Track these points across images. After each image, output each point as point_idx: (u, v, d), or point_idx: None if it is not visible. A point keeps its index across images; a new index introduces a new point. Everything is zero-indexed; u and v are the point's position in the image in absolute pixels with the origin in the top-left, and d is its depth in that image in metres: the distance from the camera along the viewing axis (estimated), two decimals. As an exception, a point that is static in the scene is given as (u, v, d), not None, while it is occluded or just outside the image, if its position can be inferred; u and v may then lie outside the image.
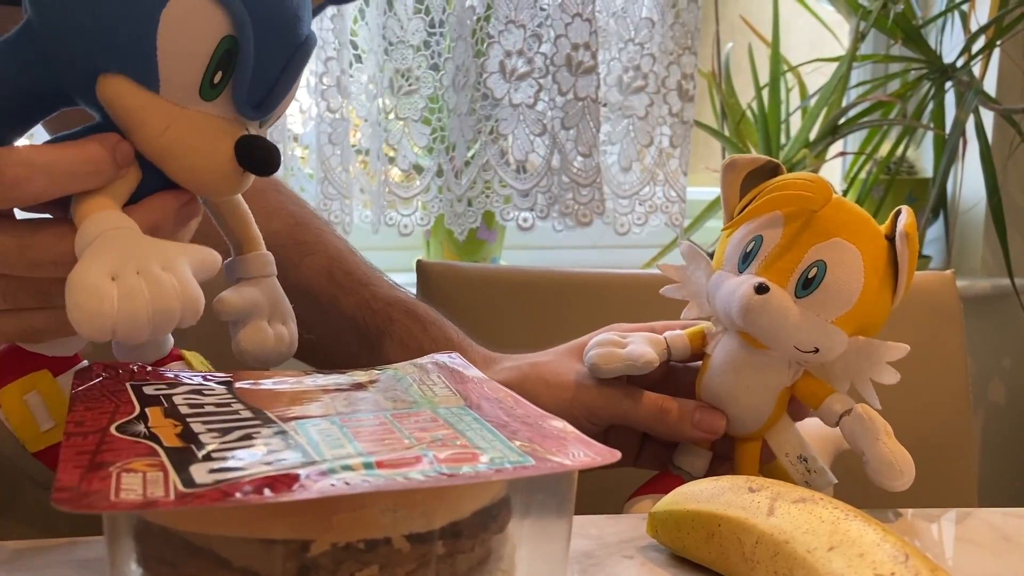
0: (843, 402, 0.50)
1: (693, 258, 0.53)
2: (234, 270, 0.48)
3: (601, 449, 0.32)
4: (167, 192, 0.40)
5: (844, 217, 0.48)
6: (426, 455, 0.31)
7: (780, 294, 0.47)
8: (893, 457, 0.48)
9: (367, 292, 0.64)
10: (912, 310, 0.84)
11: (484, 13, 1.12)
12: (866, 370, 0.49)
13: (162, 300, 0.35)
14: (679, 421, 0.52)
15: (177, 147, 0.38)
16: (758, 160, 0.52)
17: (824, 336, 0.48)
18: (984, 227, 1.43)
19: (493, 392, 0.40)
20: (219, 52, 0.37)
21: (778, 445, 0.52)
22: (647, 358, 0.51)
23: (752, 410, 0.51)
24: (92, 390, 0.37)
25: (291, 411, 0.36)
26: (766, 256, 0.49)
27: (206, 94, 0.38)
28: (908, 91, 1.35)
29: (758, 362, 0.50)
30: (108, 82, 0.37)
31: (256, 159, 0.39)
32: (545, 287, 0.83)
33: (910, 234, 0.47)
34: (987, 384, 1.48)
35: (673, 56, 1.20)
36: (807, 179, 0.49)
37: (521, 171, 1.17)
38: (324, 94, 1.08)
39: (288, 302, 0.49)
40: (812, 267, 0.47)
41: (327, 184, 1.11)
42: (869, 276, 0.48)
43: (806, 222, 0.48)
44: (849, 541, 0.35)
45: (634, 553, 0.44)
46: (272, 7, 0.38)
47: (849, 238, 0.48)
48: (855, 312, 0.48)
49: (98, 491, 0.27)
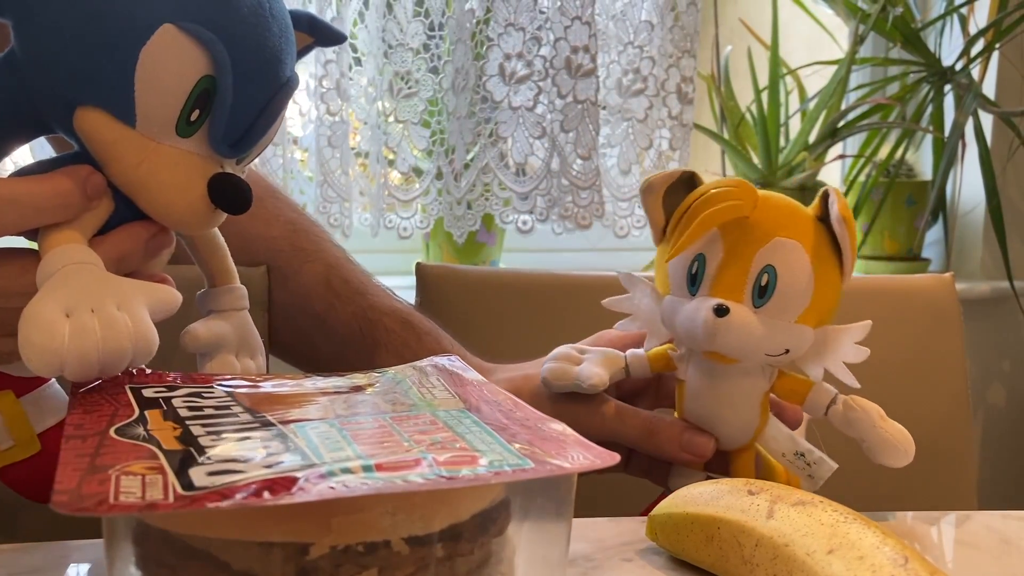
0: (826, 392, 0.50)
1: (634, 285, 0.53)
2: (205, 302, 0.48)
3: (600, 452, 0.32)
4: (137, 223, 0.40)
5: (775, 214, 0.48)
6: (425, 458, 0.31)
7: (740, 311, 0.47)
8: (893, 438, 0.49)
9: (364, 301, 0.64)
10: (912, 313, 0.84)
11: (484, 16, 1.12)
12: (836, 354, 0.49)
13: (114, 340, 0.35)
14: (667, 442, 0.52)
15: (151, 181, 0.38)
16: (673, 175, 0.51)
17: (792, 338, 0.48)
18: (983, 230, 1.43)
19: (492, 395, 0.40)
20: (197, 91, 0.37)
21: (772, 448, 0.51)
22: (593, 381, 0.51)
23: (740, 424, 0.51)
24: (91, 393, 0.37)
25: (290, 414, 0.36)
26: (714, 274, 0.48)
27: (182, 131, 0.38)
28: (907, 94, 1.35)
29: (733, 378, 0.50)
30: (85, 115, 0.37)
31: (228, 198, 0.39)
32: (544, 290, 0.83)
33: (846, 218, 0.47)
34: (986, 387, 1.48)
35: (672, 59, 1.20)
36: (730, 185, 0.48)
37: (520, 174, 1.17)
38: (324, 97, 1.09)
39: (258, 336, 0.49)
40: (762, 274, 0.47)
41: (326, 187, 1.11)
42: (816, 265, 0.48)
43: (742, 230, 0.48)
44: (849, 544, 0.35)
45: (633, 556, 0.44)
46: (253, 49, 0.38)
47: (788, 234, 0.47)
48: (814, 305, 0.48)
49: (97, 494, 0.27)
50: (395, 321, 0.63)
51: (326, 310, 0.64)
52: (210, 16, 0.37)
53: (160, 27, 0.36)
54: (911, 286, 0.86)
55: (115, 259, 0.39)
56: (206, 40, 0.37)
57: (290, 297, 0.64)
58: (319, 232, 0.67)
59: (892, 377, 0.82)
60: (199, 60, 0.37)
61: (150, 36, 0.36)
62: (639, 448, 0.53)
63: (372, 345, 0.62)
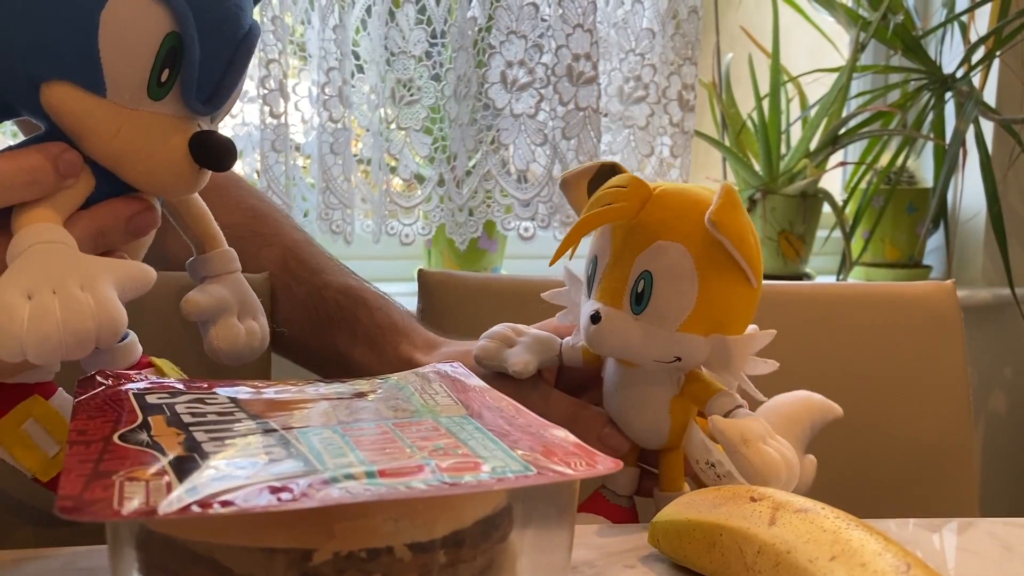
0: (727, 401, 0.47)
1: (571, 282, 0.52)
2: (197, 269, 0.48)
3: (603, 459, 0.33)
4: (118, 199, 0.39)
5: (662, 215, 0.45)
6: (428, 464, 0.31)
7: (613, 318, 0.45)
8: (752, 467, 0.45)
9: (318, 280, 0.64)
10: (913, 320, 0.84)
11: (485, 24, 1.12)
12: (736, 366, 0.46)
13: (75, 321, 0.34)
14: (585, 432, 0.51)
15: (130, 149, 0.37)
16: (590, 169, 0.50)
17: (676, 345, 0.45)
18: (984, 237, 1.43)
19: (495, 401, 0.40)
20: (163, 49, 0.36)
21: (689, 453, 0.50)
22: (518, 367, 0.51)
23: (647, 427, 0.50)
24: (95, 399, 0.37)
25: (293, 420, 0.36)
26: (600, 278, 0.47)
27: (154, 93, 0.37)
28: (908, 101, 1.35)
29: (637, 379, 0.49)
30: (52, 90, 0.36)
31: (213, 155, 0.38)
32: (546, 297, 0.83)
33: (716, 221, 0.43)
34: (988, 394, 1.48)
35: (674, 66, 1.20)
36: (620, 183, 0.46)
37: (522, 181, 1.17)
38: (326, 104, 1.09)
39: (256, 297, 0.49)
40: (639, 280, 0.45)
41: (328, 194, 1.11)
42: (703, 270, 0.44)
43: (628, 231, 0.46)
44: (851, 551, 0.35)
45: (635, 563, 0.44)
46: (215, 1, 0.38)
47: (670, 236, 0.45)
48: (700, 312, 0.45)
49: (101, 500, 0.27)
50: (347, 298, 0.63)
51: (282, 291, 0.64)
52: None
53: None
54: (912, 293, 0.86)
55: (93, 235, 0.38)
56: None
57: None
58: (279, 217, 0.68)
59: (893, 384, 0.82)
60: (161, 18, 0.36)
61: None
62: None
63: (325, 322, 0.63)
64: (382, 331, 0.62)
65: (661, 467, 0.52)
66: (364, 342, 0.62)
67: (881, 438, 0.79)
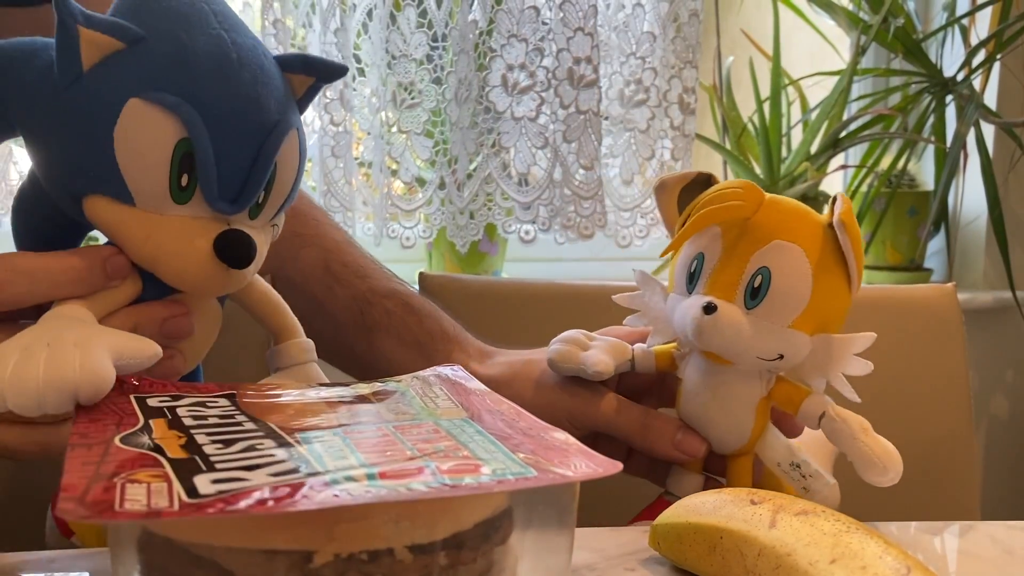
0: (819, 403, 0.49)
1: (646, 284, 0.52)
2: (273, 360, 0.49)
3: (603, 460, 0.33)
4: (159, 302, 0.41)
5: (779, 217, 0.47)
6: (428, 466, 0.31)
7: (729, 310, 0.46)
8: (873, 454, 0.47)
9: (364, 284, 0.64)
10: (914, 323, 0.84)
11: (486, 27, 1.12)
12: (835, 366, 0.48)
13: (56, 371, 0.34)
14: (659, 438, 0.51)
15: (160, 253, 0.39)
16: (688, 176, 0.51)
17: (784, 342, 0.47)
18: (985, 240, 1.43)
19: (495, 404, 0.40)
20: (177, 156, 0.38)
21: (768, 457, 0.51)
22: (599, 368, 0.51)
23: (732, 428, 0.50)
24: (96, 402, 0.37)
25: (294, 423, 0.36)
26: (710, 273, 0.48)
27: (178, 198, 0.39)
28: (909, 104, 1.35)
29: (728, 378, 0.49)
30: (90, 203, 0.39)
31: (229, 253, 0.39)
32: (547, 299, 0.83)
33: (846, 222, 0.46)
34: (989, 397, 1.48)
35: (674, 70, 1.20)
36: (736, 186, 0.47)
37: (523, 184, 1.17)
38: (327, 107, 1.09)
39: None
40: (756, 275, 0.46)
41: (330, 197, 1.11)
42: (817, 272, 0.46)
43: (742, 230, 0.47)
44: (851, 554, 0.35)
45: (636, 566, 0.44)
46: (224, 100, 0.38)
47: (788, 237, 0.46)
48: (811, 311, 0.47)
49: (102, 501, 0.27)
50: (396, 303, 0.63)
51: (324, 293, 0.63)
52: (172, 79, 0.38)
53: (126, 104, 0.37)
54: (913, 296, 0.86)
55: (127, 329, 0.40)
56: (171, 104, 0.37)
57: (287, 282, 0.64)
58: (319, 216, 0.67)
59: (894, 388, 0.82)
60: (171, 126, 0.37)
61: (118, 115, 0.37)
62: (633, 443, 0.53)
63: (371, 327, 0.62)
64: (433, 338, 0.61)
65: (730, 472, 0.52)
66: (414, 348, 0.61)
67: (882, 441, 0.79)
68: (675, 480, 0.53)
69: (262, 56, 0.41)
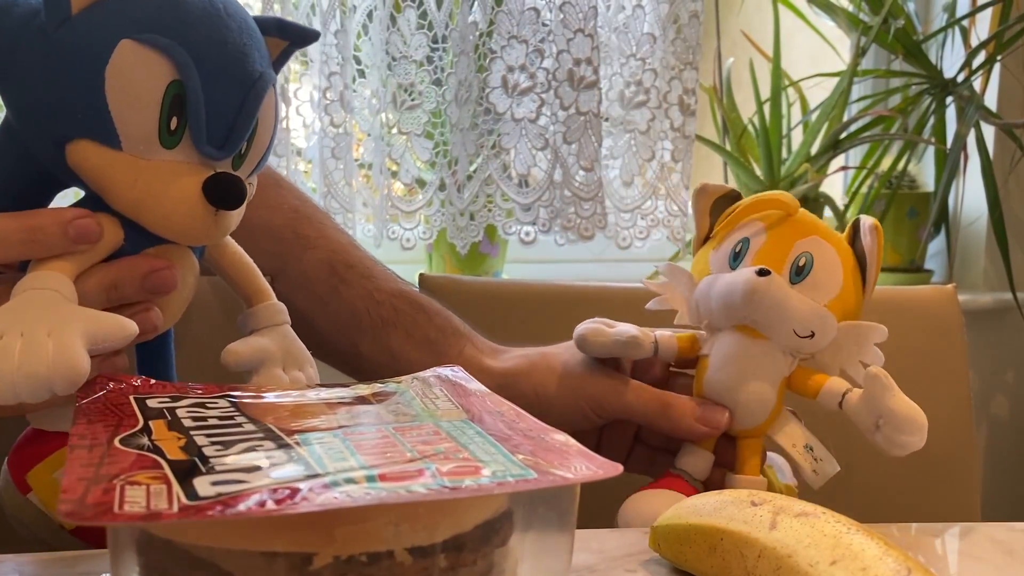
0: (842, 383, 0.52)
1: (674, 274, 0.56)
2: (246, 323, 0.49)
3: (603, 462, 0.33)
4: (140, 256, 0.40)
5: (815, 221, 0.54)
6: (428, 468, 0.31)
7: (779, 278, 0.51)
8: (912, 410, 0.49)
9: (370, 284, 0.64)
10: (914, 324, 0.84)
11: (486, 29, 1.12)
12: (856, 352, 0.52)
13: (29, 365, 0.35)
14: (682, 416, 0.53)
15: (147, 198, 0.38)
16: (724, 188, 0.56)
17: (819, 319, 0.51)
18: (986, 241, 1.43)
19: (495, 405, 0.40)
20: (168, 98, 0.38)
21: (783, 438, 0.53)
22: (633, 334, 0.53)
23: (757, 400, 0.52)
24: (96, 403, 0.37)
25: (294, 424, 0.36)
26: (756, 252, 0.52)
27: (166, 142, 0.38)
28: (909, 106, 1.35)
29: (759, 352, 0.52)
30: (74, 148, 0.38)
31: (219, 193, 0.39)
32: (547, 301, 0.83)
33: (878, 227, 0.52)
34: (990, 398, 1.48)
35: (675, 71, 1.20)
36: (775, 194, 0.54)
37: (523, 185, 1.17)
38: (327, 109, 1.09)
39: (304, 348, 0.50)
40: (801, 256, 0.52)
41: (330, 198, 1.11)
42: (845, 268, 0.52)
43: (785, 223, 0.53)
44: (851, 555, 0.35)
45: (636, 567, 0.44)
46: (214, 46, 0.39)
47: (823, 237, 0.53)
48: (841, 298, 0.52)
49: (102, 503, 0.27)
50: (404, 301, 0.63)
51: (329, 293, 0.63)
52: (164, 23, 0.38)
53: (117, 44, 0.37)
54: (914, 297, 0.86)
55: (106, 286, 0.39)
56: (164, 46, 0.37)
57: (290, 283, 0.64)
58: (323, 219, 0.67)
59: (895, 388, 0.82)
60: (163, 67, 0.37)
61: (111, 55, 0.37)
62: (655, 424, 0.54)
63: (380, 324, 0.62)
64: (444, 334, 0.62)
65: (740, 452, 0.54)
66: (424, 345, 0.61)
67: (882, 442, 0.79)
68: (686, 456, 0.55)
69: (245, 11, 0.42)
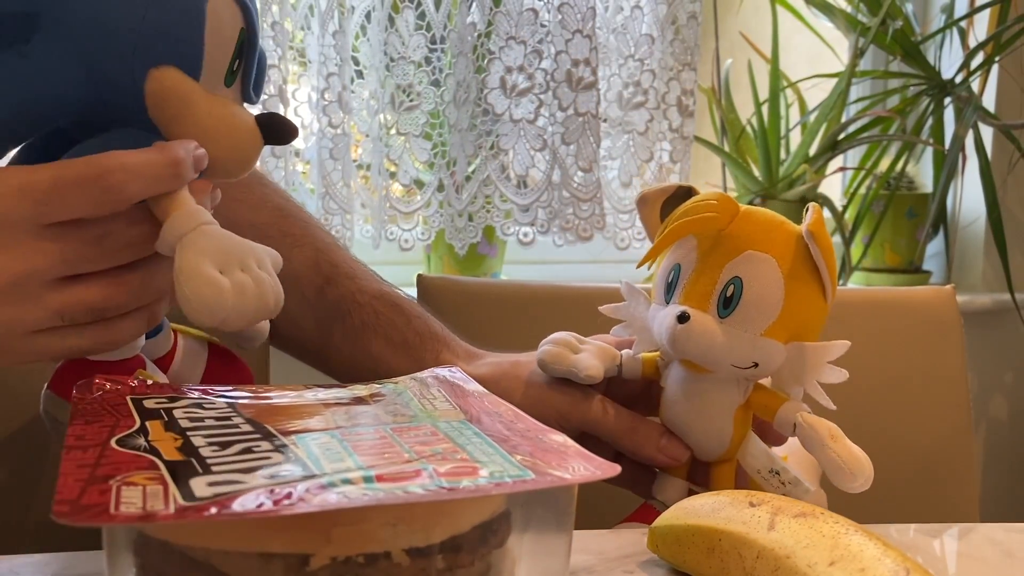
0: (793, 410, 0.49)
1: (632, 295, 0.53)
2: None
3: (601, 463, 0.32)
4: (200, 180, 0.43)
5: (752, 228, 0.48)
6: (426, 469, 0.31)
7: (701, 319, 0.47)
8: (840, 460, 0.46)
9: (353, 285, 0.64)
10: (913, 325, 0.84)
11: (485, 29, 1.12)
12: (810, 374, 0.48)
13: (264, 297, 0.40)
14: (645, 441, 0.52)
15: (220, 126, 0.42)
16: (668, 189, 0.52)
17: (757, 350, 0.47)
18: (984, 242, 1.43)
19: (493, 406, 0.40)
20: (239, 42, 0.42)
21: (748, 463, 0.51)
22: (590, 372, 0.52)
23: (712, 434, 0.51)
24: (92, 404, 0.37)
25: (291, 425, 0.36)
26: (685, 284, 0.49)
27: (228, 80, 0.43)
28: (907, 107, 1.35)
29: (706, 386, 0.50)
30: (161, 75, 0.40)
31: (279, 130, 0.43)
32: (546, 301, 0.83)
33: (814, 231, 0.47)
34: (988, 399, 1.48)
35: (673, 72, 1.21)
36: (711, 198, 0.49)
37: (522, 186, 1.17)
38: (326, 109, 1.09)
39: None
40: (728, 285, 0.48)
41: (328, 199, 1.11)
42: (790, 281, 0.47)
43: (716, 242, 0.48)
44: (850, 556, 0.35)
45: (634, 568, 0.44)
46: (254, 8, 0.44)
47: (760, 248, 0.48)
48: (784, 320, 0.47)
49: (98, 504, 0.27)
50: (385, 304, 0.63)
51: (314, 293, 0.64)
52: None
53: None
54: (912, 298, 0.86)
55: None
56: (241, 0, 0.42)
57: (281, 281, 0.64)
58: (307, 217, 0.67)
59: (893, 390, 0.82)
60: (238, 15, 0.42)
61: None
62: (619, 444, 0.53)
63: (360, 327, 0.62)
64: (422, 339, 0.61)
65: (712, 479, 0.52)
66: (402, 349, 0.61)
67: (881, 443, 0.79)
68: (660, 486, 0.53)
69: None
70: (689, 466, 0.53)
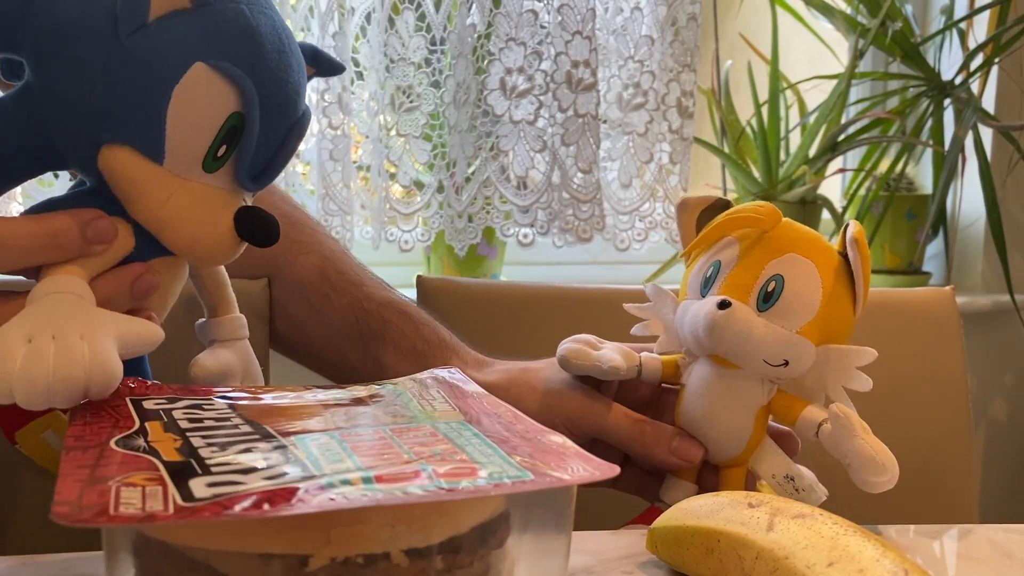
0: (819, 413, 0.49)
1: (659, 296, 0.54)
2: (207, 332, 0.49)
3: (600, 464, 0.32)
4: (128, 266, 0.40)
5: (795, 235, 0.50)
6: (425, 470, 0.31)
7: (742, 308, 0.48)
8: (874, 452, 0.47)
9: (360, 292, 0.64)
10: (912, 326, 0.84)
11: (485, 31, 1.12)
12: (838, 378, 0.49)
13: (66, 367, 0.34)
14: (656, 443, 0.52)
15: (177, 218, 0.38)
16: (708, 199, 0.54)
17: (791, 347, 0.48)
18: (984, 243, 1.43)
19: (493, 407, 0.40)
20: (226, 127, 0.38)
21: (763, 468, 0.51)
22: (614, 364, 0.52)
23: (732, 432, 0.51)
24: (92, 404, 0.37)
25: (290, 426, 0.36)
26: (725, 277, 0.50)
27: (208, 167, 0.38)
28: (907, 108, 1.35)
29: (732, 383, 0.50)
30: (112, 153, 0.37)
31: (257, 232, 0.40)
32: (545, 303, 0.83)
33: (859, 240, 0.48)
34: (988, 401, 1.48)
35: (673, 73, 1.21)
36: (756, 205, 0.50)
37: (521, 187, 1.17)
38: (325, 111, 1.09)
39: (258, 364, 0.50)
40: (770, 281, 0.49)
41: (328, 200, 1.11)
42: (827, 286, 0.49)
43: (759, 241, 0.50)
44: (848, 557, 0.35)
45: (633, 569, 0.44)
46: (277, 85, 0.39)
47: (802, 253, 0.49)
48: (819, 321, 0.48)
49: (97, 505, 0.27)
50: (392, 311, 0.63)
51: (321, 300, 0.64)
52: (239, 54, 0.38)
53: (192, 65, 0.36)
54: (912, 300, 0.86)
55: (102, 299, 0.39)
56: (237, 77, 0.37)
57: (285, 288, 0.65)
58: (314, 224, 0.67)
59: (893, 391, 0.81)
60: (229, 97, 0.37)
61: (183, 74, 0.36)
62: (630, 449, 0.53)
63: (369, 335, 0.62)
64: (431, 346, 0.61)
65: (723, 483, 0.52)
66: (410, 356, 0.61)
67: (880, 444, 0.79)
68: (668, 489, 0.53)
69: (298, 47, 0.42)
70: (699, 470, 0.53)
